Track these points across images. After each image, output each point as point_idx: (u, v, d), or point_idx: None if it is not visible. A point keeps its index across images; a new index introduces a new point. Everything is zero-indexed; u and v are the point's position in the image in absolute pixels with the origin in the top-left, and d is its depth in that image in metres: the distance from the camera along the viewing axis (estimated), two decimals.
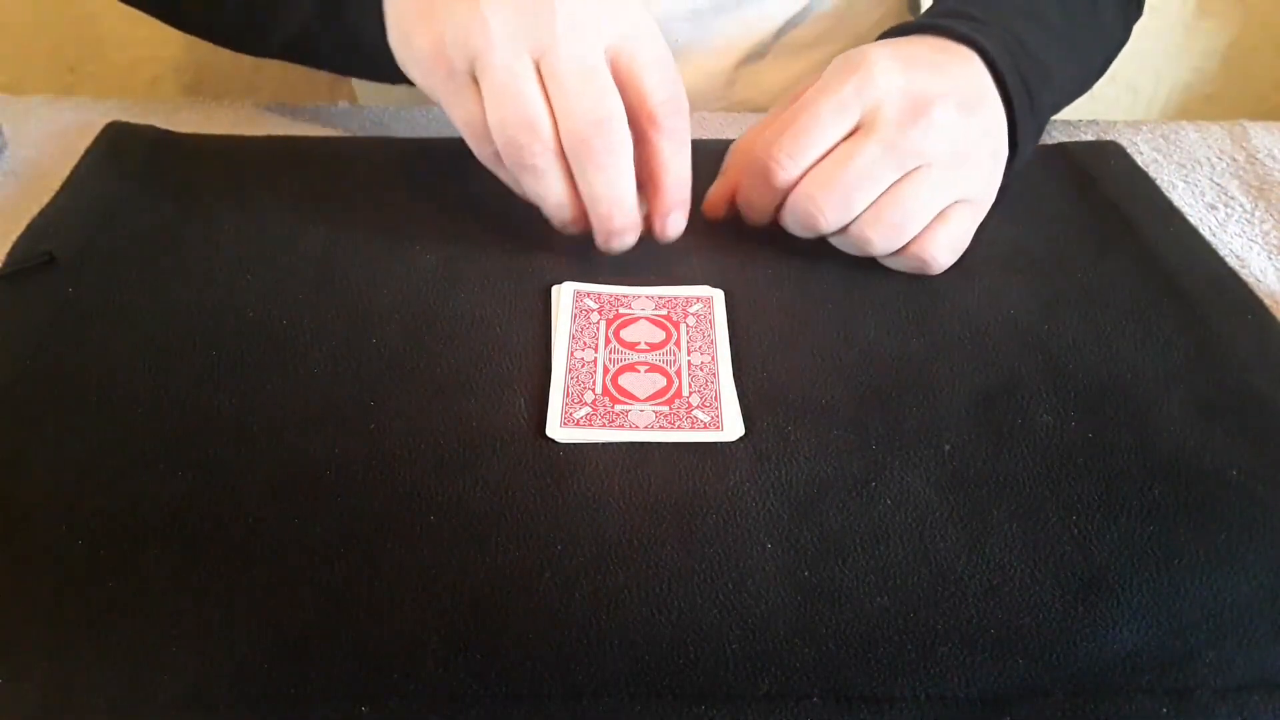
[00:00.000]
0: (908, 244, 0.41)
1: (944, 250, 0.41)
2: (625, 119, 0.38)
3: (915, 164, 0.39)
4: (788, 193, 0.41)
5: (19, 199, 0.47)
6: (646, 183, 0.40)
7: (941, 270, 0.41)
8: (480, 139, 0.39)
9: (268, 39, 0.48)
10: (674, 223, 0.41)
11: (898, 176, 0.39)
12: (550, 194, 0.39)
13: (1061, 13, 0.48)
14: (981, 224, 0.43)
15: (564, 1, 0.37)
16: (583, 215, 0.40)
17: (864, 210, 0.40)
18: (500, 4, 0.37)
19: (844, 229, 0.41)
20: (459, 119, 0.40)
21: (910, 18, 0.57)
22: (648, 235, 0.41)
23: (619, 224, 0.40)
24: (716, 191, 0.44)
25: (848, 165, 0.39)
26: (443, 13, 0.38)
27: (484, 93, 0.38)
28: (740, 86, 0.63)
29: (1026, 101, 0.43)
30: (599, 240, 0.41)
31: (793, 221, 0.41)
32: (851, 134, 0.40)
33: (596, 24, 0.38)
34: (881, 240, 0.40)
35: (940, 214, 0.41)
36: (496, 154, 0.39)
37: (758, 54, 0.62)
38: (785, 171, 0.40)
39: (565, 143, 0.38)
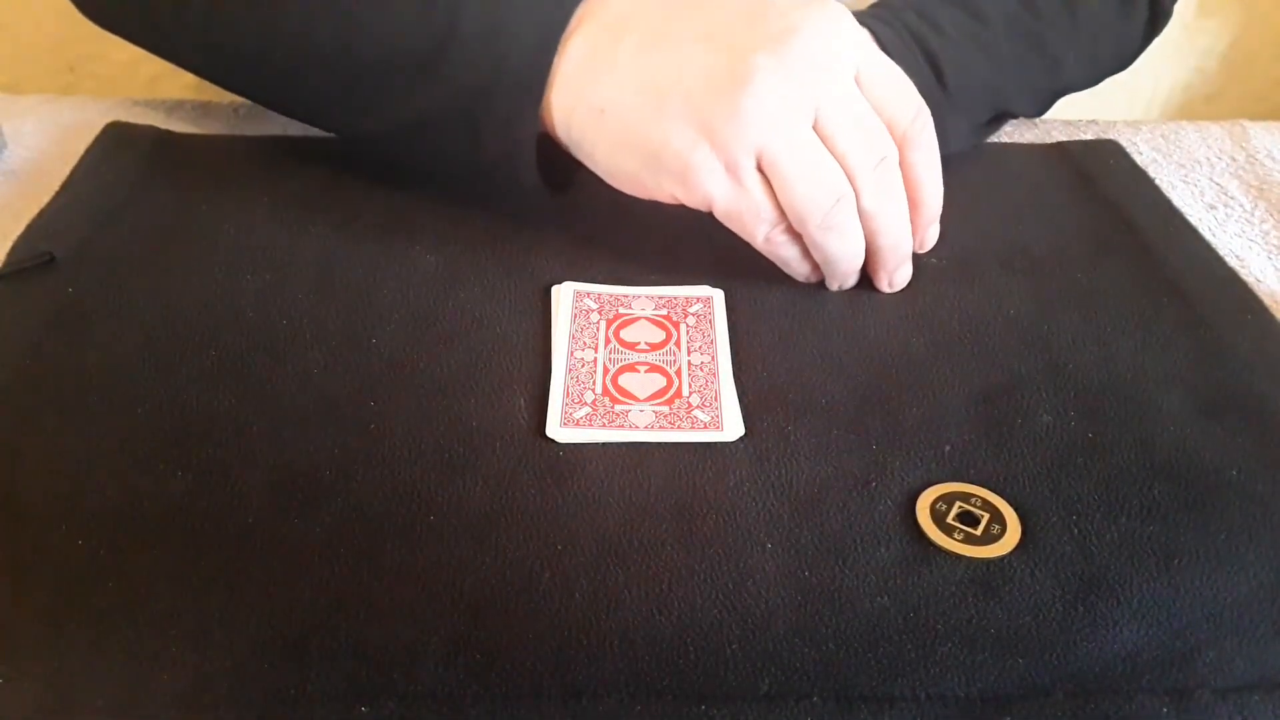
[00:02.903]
0: None
1: None
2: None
3: None
4: None
5: (19, 199, 0.47)
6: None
7: None
8: (767, 222, 0.38)
9: (365, 118, 0.44)
10: (933, 234, 0.41)
11: None
12: (852, 246, 0.39)
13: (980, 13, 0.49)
14: (981, 223, 0.43)
15: (812, 51, 0.36)
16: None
17: None
18: (766, 87, 0.36)
19: None
20: (739, 209, 0.38)
21: None
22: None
23: (905, 250, 0.40)
24: None
25: None
26: (689, 116, 0.37)
27: (782, 177, 0.37)
28: None
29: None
30: (883, 280, 0.41)
31: None
32: None
33: (842, 57, 0.37)
34: None
35: None
36: (781, 232, 0.38)
37: None
38: None
39: (865, 192, 0.38)
